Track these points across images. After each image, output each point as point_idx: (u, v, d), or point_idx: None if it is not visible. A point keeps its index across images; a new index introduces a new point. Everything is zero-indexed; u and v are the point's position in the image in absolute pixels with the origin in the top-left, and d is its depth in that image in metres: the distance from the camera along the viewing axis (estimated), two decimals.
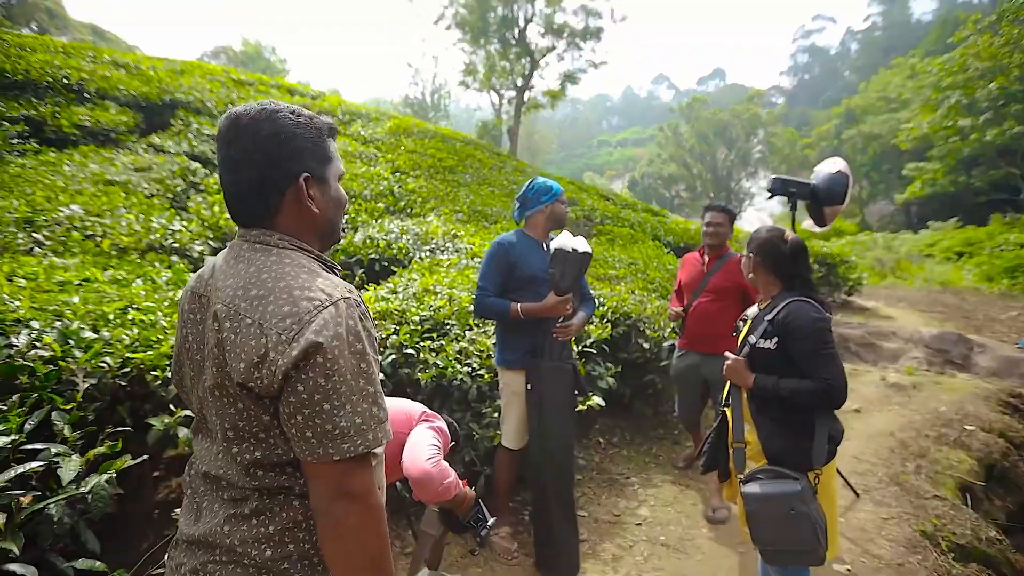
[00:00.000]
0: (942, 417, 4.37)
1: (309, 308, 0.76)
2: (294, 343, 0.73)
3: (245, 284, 0.80)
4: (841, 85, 63.73)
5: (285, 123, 0.85)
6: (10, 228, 3.36)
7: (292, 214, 0.87)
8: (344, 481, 0.76)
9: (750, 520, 1.66)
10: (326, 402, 0.74)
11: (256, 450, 0.80)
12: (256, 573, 0.79)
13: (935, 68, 20.26)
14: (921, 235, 18.72)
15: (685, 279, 3.17)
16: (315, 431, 0.74)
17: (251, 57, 40.57)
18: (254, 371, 0.75)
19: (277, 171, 0.85)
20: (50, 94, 6.42)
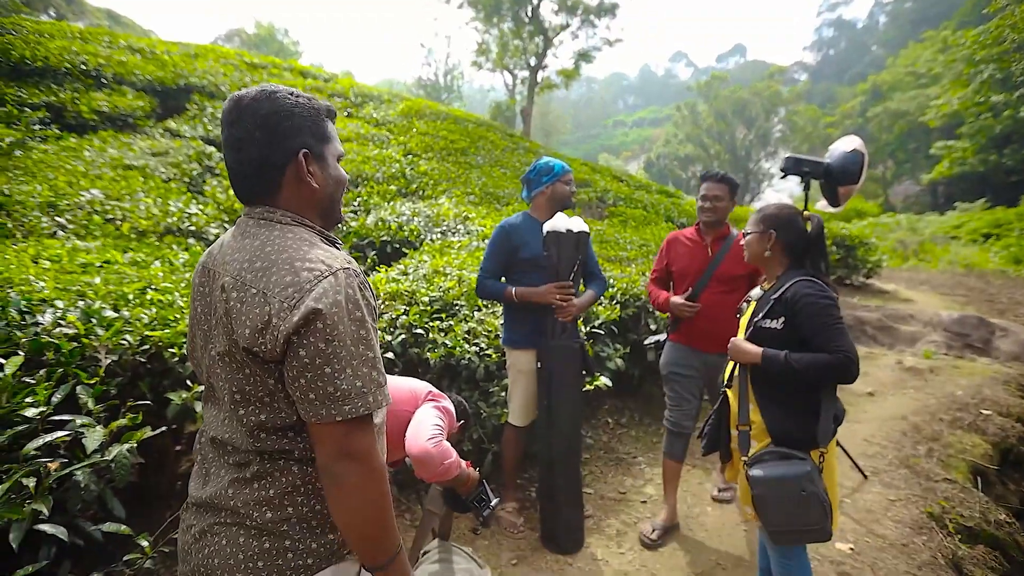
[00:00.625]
0: (958, 401, 4.30)
1: (309, 278, 0.80)
2: (295, 310, 0.78)
3: (251, 257, 0.84)
4: (868, 60, 61.31)
5: (284, 103, 0.89)
6: (34, 212, 3.47)
7: (293, 190, 0.92)
8: (346, 442, 0.80)
9: (759, 503, 1.63)
10: (327, 365, 0.78)
11: (261, 413, 0.84)
12: (258, 534, 0.84)
13: (968, 41, 19.32)
14: (947, 216, 18.11)
15: (682, 264, 2.60)
16: (318, 393, 0.78)
17: (264, 40, 40.51)
18: (258, 336, 0.79)
19: (277, 148, 0.89)
20: (69, 80, 6.53)
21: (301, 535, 0.86)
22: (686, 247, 2.62)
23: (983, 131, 18.78)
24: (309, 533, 0.86)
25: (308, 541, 0.86)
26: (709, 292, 2.50)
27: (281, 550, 0.84)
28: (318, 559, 0.86)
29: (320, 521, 0.87)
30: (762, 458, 1.67)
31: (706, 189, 2.56)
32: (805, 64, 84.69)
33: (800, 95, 40.97)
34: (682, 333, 2.61)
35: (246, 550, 0.83)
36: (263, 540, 0.84)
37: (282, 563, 0.84)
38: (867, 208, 21.84)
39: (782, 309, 1.71)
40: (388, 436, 1.68)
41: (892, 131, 29.19)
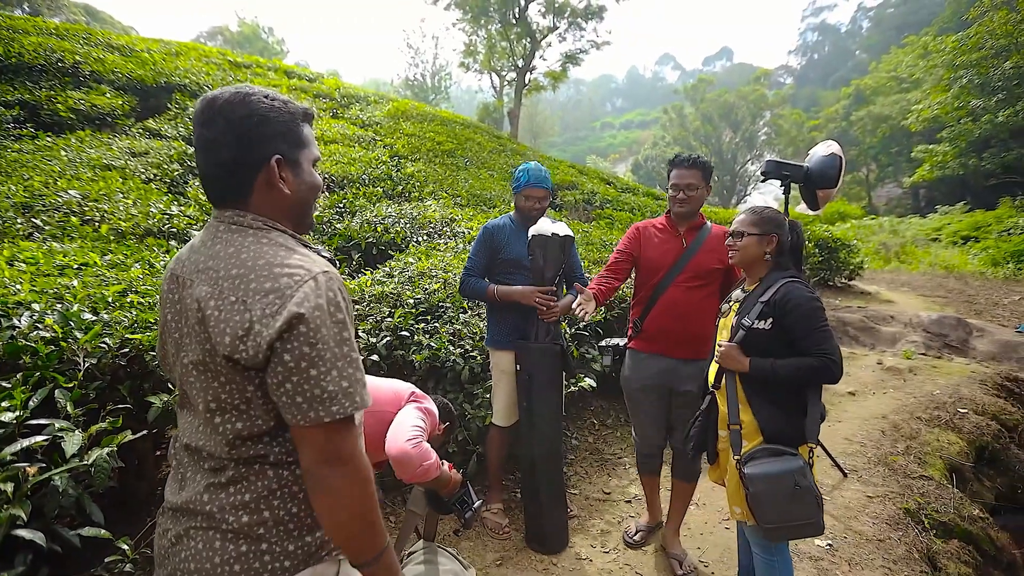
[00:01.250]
0: (936, 400, 4.41)
1: (290, 283, 0.80)
2: (277, 316, 0.78)
3: (226, 265, 0.84)
4: (852, 65, 62.42)
5: (258, 106, 0.88)
6: (9, 213, 3.40)
7: (264, 195, 0.90)
8: (331, 445, 0.81)
9: (755, 501, 1.65)
10: (312, 368, 0.79)
11: (237, 421, 0.84)
12: (234, 538, 0.84)
13: (948, 46, 19.78)
14: (928, 219, 18.51)
15: (654, 255, 2.32)
16: (305, 396, 0.79)
17: (248, 38, 40.08)
18: (240, 344, 0.79)
19: (249, 153, 0.88)
20: (45, 78, 6.41)
21: (278, 538, 0.86)
22: (658, 237, 2.36)
23: (963, 135, 19.21)
24: (286, 536, 0.86)
25: (285, 544, 0.86)
26: (679, 286, 2.27)
27: (258, 553, 0.84)
28: (295, 561, 0.86)
29: (297, 524, 0.87)
30: (754, 456, 1.70)
31: (678, 177, 2.27)
32: (790, 68, 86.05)
33: (785, 99, 41.61)
34: (645, 338, 2.33)
35: (222, 554, 0.83)
36: (239, 544, 0.84)
37: (259, 566, 0.84)
38: (850, 211, 22.23)
39: (771, 311, 1.74)
40: (371, 438, 1.68)
41: (875, 135, 29.74)
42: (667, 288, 2.28)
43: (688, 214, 2.31)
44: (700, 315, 2.23)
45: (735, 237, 1.88)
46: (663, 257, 2.30)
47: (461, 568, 1.79)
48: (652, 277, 2.32)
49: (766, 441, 1.72)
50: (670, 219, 2.37)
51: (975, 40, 18.25)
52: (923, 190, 25.87)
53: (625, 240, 2.44)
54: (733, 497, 1.80)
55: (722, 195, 38.75)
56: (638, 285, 2.40)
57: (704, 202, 2.32)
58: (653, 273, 2.31)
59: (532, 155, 11.33)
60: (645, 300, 2.34)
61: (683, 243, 2.31)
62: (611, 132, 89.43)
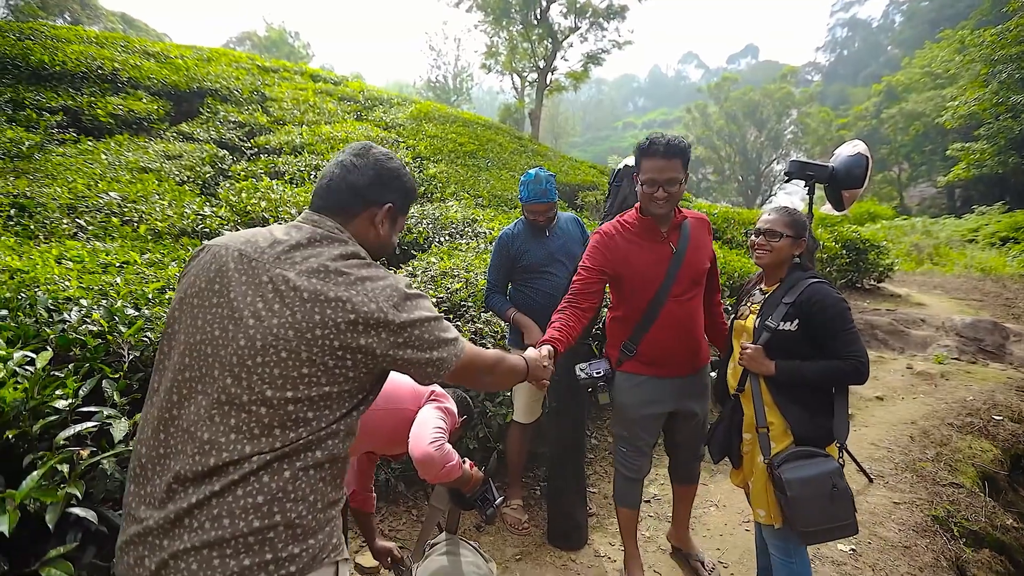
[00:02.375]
0: (969, 406, 4.27)
1: (384, 273, 0.97)
2: (398, 310, 0.93)
3: (332, 258, 0.93)
4: (883, 61, 60.53)
5: (401, 170, 1.10)
6: (55, 214, 3.59)
7: (362, 227, 1.04)
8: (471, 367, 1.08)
9: (794, 505, 1.63)
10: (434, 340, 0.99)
11: (303, 403, 0.88)
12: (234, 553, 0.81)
13: (987, 40, 18.99)
14: (964, 219, 17.83)
15: (641, 269, 1.94)
16: (431, 351, 0.98)
17: (275, 43, 41.05)
18: (372, 328, 0.90)
19: (375, 189, 1.05)
20: (86, 84, 6.71)
21: (284, 543, 0.84)
22: (638, 243, 1.95)
23: (1002, 133, 18.45)
24: (293, 539, 0.85)
25: (291, 547, 0.84)
26: (678, 300, 1.94)
27: (262, 564, 0.82)
28: (300, 566, 0.85)
29: (304, 527, 0.86)
30: (787, 459, 1.68)
31: (654, 169, 1.82)
32: (818, 65, 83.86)
33: (812, 96, 40.59)
34: (642, 360, 2.00)
35: (223, 571, 0.80)
36: (241, 558, 0.81)
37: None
38: (881, 211, 21.55)
39: (796, 312, 1.73)
40: (391, 432, 1.74)
41: (907, 133, 28.77)
42: (664, 303, 1.93)
43: (668, 214, 1.92)
44: (699, 325, 2.04)
45: (769, 237, 1.81)
46: (653, 268, 1.93)
47: (482, 561, 1.83)
48: (642, 292, 1.95)
49: (796, 442, 1.71)
50: (646, 220, 1.94)
51: (1015, 33, 17.49)
52: (959, 189, 24.92)
53: (593, 253, 1.98)
54: (758, 499, 1.79)
55: (747, 195, 38.03)
56: (619, 301, 2.05)
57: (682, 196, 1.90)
58: (642, 287, 1.95)
59: (553, 156, 11.34)
60: (636, 319, 1.98)
61: (671, 247, 1.94)
62: (633, 132, 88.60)
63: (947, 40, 24.30)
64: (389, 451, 1.87)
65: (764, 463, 1.74)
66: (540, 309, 2.43)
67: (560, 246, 2.52)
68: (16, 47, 6.70)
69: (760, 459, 1.77)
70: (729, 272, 4.76)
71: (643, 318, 1.97)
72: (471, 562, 1.78)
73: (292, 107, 8.60)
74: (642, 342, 1.98)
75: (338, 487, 0.95)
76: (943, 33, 25.19)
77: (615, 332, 2.10)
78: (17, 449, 1.42)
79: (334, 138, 7.34)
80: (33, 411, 1.43)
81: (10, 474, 1.36)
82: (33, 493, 1.26)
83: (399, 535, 2.46)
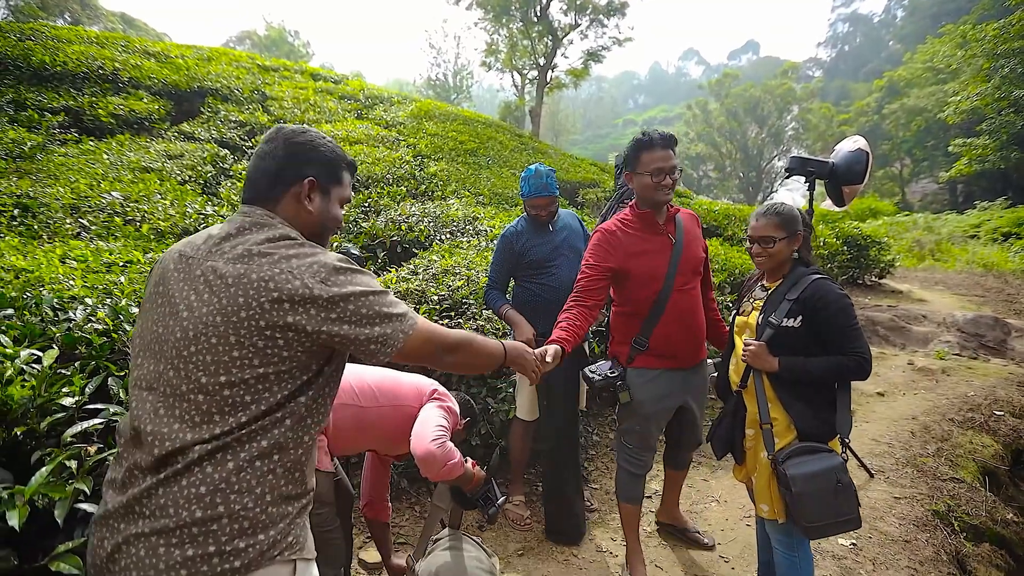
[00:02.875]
0: (970, 402, 4.28)
1: (311, 251, 0.95)
2: (316, 285, 0.90)
3: (258, 243, 0.93)
4: (884, 56, 60.28)
5: (314, 139, 1.05)
6: (59, 214, 3.61)
7: (290, 208, 1.03)
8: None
9: (799, 501, 1.64)
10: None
11: (236, 393, 0.88)
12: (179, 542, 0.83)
13: (989, 34, 18.90)
14: (966, 215, 17.78)
15: (642, 263, 2.01)
16: (371, 320, 0.94)
17: (275, 42, 41.02)
18: (295, 305, 0.88)
19: (291, 168, 1.02)
20: (87, 84, 6.71)
21: (229, 536, 0.83)
22: (639, 238, 2.03)
23: (1004, 128, 18.37)
24: (239, 533, 0.84)
25: (236, 541, 0.84)
26: (681, 291, 2.03)
27: (206, 556, 0.82)
28: (246, 561, 0.84)
29: (251, 521, 0.86)
30: (791, 455, 1.69)
31: (661, 159, 1.93)
32: (819, 60, 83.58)
33: (814, 92, 40.45)
34: (654, 354, 2.04)
35: (167, 560, 0.81)
36: (186, 548, 0.81)
37: (207, 569, 0.82)
38: (882, 207, 21.49)
39: (800, 308, 1.73)
40: (394, 429, 1.76)
41: (909, 128, 28.66)
42: (670, 295, 2.00)
43: (666, 206, 2.03)
44: (701, 315, 2.11)
45: (764, 244, 1.80)
46: (656, 260, 2.00)
47: (485, 556, 1.84)
48: (648, 285, 2.01)
49: (800, 438, 1.71)
50: (645, 214, 2.02)
51: (1018, 28, 17.41)
52: (961, 185, 24.86)
53: (597, 250, 2.03)
54: (761, 494, 1.80)
55: (747, 192, 37.95)
56: (624, 298, 2.10)
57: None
58: (649, 280, 2.01)
59: (554, 153, 11.34)
60: (643, 313, 2.03)
61: (670, 238, 2.04)
62: (634, 129, 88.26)
63: (949, 35, 24.20)
64: (392, 450, 1.89)
65: (768, 459, 1.75)
66: (545, 304, 2.45)
67: (563, 240, 2.55)
68: (17, 48, 6.71)
69: (764, 455, 1.78)
70: (730, 269, 4.77)
71: (651, 312, 2.01)
72: (474, 557, 1.80)
73: (293, 106, 8.61)
74: (652, 335, 2.02)
75: (295, 481, 0.93)
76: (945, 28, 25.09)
77: (621, 329, 2.12)
78: (25, 446, 1.43)
79: (335, 137, 7.35)
80: (40, 408, 1.44)
81: (19, 470, 1.38)
82: (42, 489, 1.27)
83: (402, 531, 2.48)
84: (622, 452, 2.17)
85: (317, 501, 1.56)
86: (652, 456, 2.17)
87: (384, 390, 1.77)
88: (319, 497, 1.57)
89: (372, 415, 1.74)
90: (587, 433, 3.35)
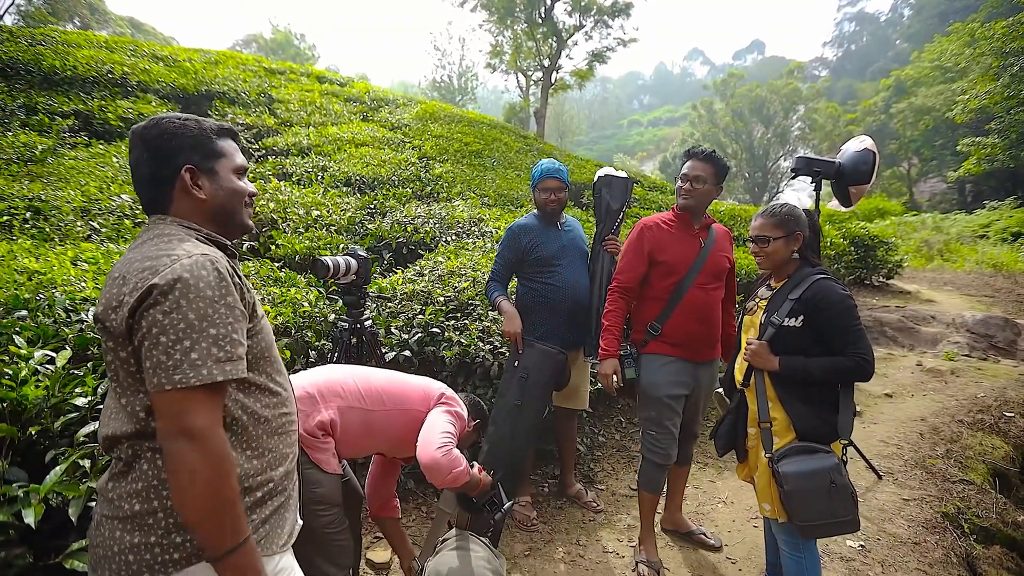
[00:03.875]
0: (979, 403, 4.25)
1: (165, 262, 0.87)
2: (140, 287, 0.84)
3: (132, 255, 0.92)
4: (891, 55, 59.88)
5: (169, 127, 0.98)
6: (70, 217, 3.65)
7: (183, 202, 0.99)
8: (181, 416, 0.82)
9: (791, 499, 1.65)
10: (163, 335, 0.82)
11: (122, 397, 0.89)
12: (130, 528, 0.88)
13: (998, 32, 18.71)
14: (975, 215, 17.62)
15: (674, 255, 2.20)
16: (152, 362, 0.82)
17: (281, 45, 41.26)
18: (111, 313, 0.86)
19: (162, 166, 0.97)
20: (96, 88, 6.78)
21: (165, 530, 0.87)
22: (673, 234, 2.25)
23: (1014, 127, 18.16)
24: (175, 528, 0.88)
25: (172, 536, 0.88)
26: (701, 288, 2.19)
27: (148, 545, 0.87)
28: (184, 554, 0.88)
29: None
30: (787, 454, 1.70)
31: (688, 168, 2.21)
32: (825, 60, 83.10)
33: (820, 92, 40.18)
34: (667, 341, 2.20)
35: (120, 543, 0.87)
36: (134, 535, 0.87)
37: (150, 558, 0.87)
38: (890, 207, 21.33)
39: (802, 308, 1.73)
40: (400, 432, 1.76)
41: (917, 127, 28.40)
42: (688, 289, 2.18)
43: (694, 208, 2.23)
44: (717, 313, 2.26)
45: (759, 243, 1.82)
46: (683, 257, 2.21)
47: (492, 555, 1.85)
48: (669, 277, 2.21)
49: (799, 438, 1.72)
50: (682, 216, 2.27)
51: None
52: (969, 185, 24.61)
53: (631, 244, 2.28)
54: (763, 494, 1.80)
55: (753, 192, 37.79)
56: (649, 285, 2.28)
57: (711, 200, 2.28)
58: (670, 273, 2.20)
59: (559, 154, 11.34)
60: (663, 301, 2.21)
61: (700, 242, 2.24)
62: (638, 130, 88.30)
63: (957, 33, 23.99)
64: (399, 453, 1.89)
65: (767, 458, 1.75)
66: (550, 303, 2.46)
67: (570, 241, 2.57)
68: (28, 53, 6.79)
69: (764, 454, 1.78)
70: (736, 270, 4.75)
71: (669, 300, 2.21)
72: (481, 557, 1.80)
73: (299, 109, 8.66)
74: (667, 323, 2.21)
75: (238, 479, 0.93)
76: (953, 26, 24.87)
77: (640, 317, 2.30)
78: (39, 445, 1.46)
79: (340, 139, 7.39)
80: (54, 408, 1.47)
81: (33, 469, 1.40)
82: (56, 488, 1.30)
83: (409, 531, 2.48)
84: (646, 443, 2.27)
85: (325, 503, 1.57)
86: (674, 445, 2.24)
87: (391, 394, 1.77)
88: (327, 499, 1.58)
89: (379, 419, 1.74)
90: (593, 434, 3.35)
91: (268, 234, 4.18)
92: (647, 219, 2.31)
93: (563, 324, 2.48)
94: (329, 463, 1.60)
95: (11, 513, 1.24)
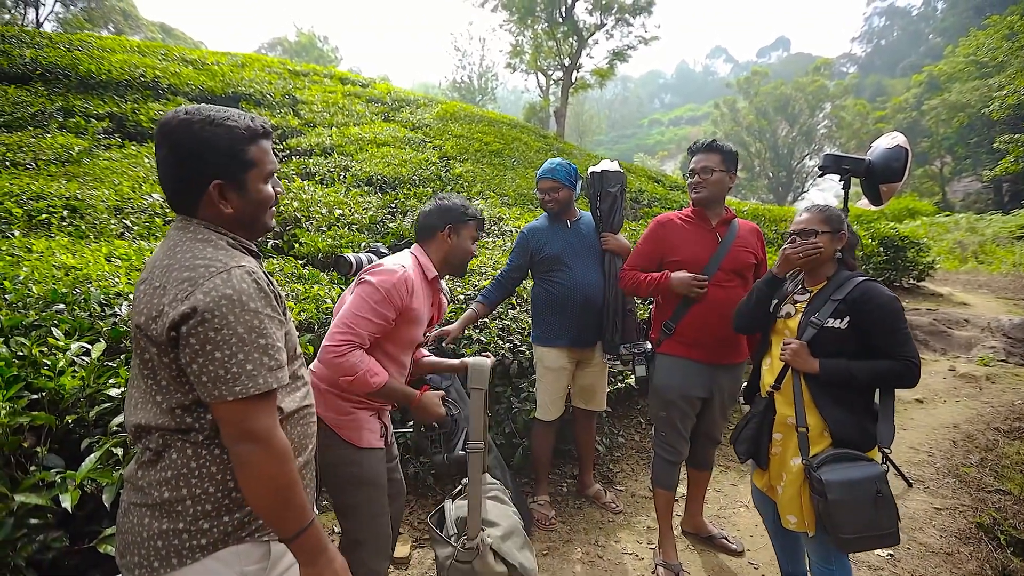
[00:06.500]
0: (1017, 410, 4.08)
1: (204, 273, 0.89)
2: (184, 302, 0.86)
3: (162, 256, 0.94)
4: (924, 50, 57.97)
5: (200, 134, 0.93)
6: (104, 215, 3.78)
7: (210, 210, 0.98)
8: (244, 422, 0.88)
9: (833, 510, 1.55)
10: (217, 351, 0.86)
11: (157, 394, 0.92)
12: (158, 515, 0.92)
13: None
14: (1013, 215, 16.90)
15: (688, 252, 2.14)
16: (210, 376, 0.86)
17: (305, 47, 41.97)
18: (152, 323, 0.89)
19: (190, 179, 0.95)
20: (129, 91, 7.02)
21: (193, 517, 0.92)
22: (687, 231, 2.18)
23: None
24: (202, 515, 0.92)
25: (200, 522, 0.92)
26: (719, 285, 2.10)
27: (176, 532, 0.91)
28: (211, 539, 0.92)
29: (215, 504, 0.93)
30: (827, 461, 1.60)
31: (694, 162, 2.16)
32: (853, 56, 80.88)
33: (848, 89, 39.12)
34: (682, 341, 2.14)
35: (148, 529, 0.91)
36: (162, 521, 0.91)
37: (178, 543, 0.91)
38: (921, 207, 20.62)
39: (848, 309, 1.66)
40: None
41: (951, 125, 27.40)
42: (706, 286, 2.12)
43: (708, 201, 2.15)
44: None
45: (805, 236, 1.76)
46: (698, 253, 2.13)
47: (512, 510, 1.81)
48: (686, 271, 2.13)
49: (835, 445, 1.64)
50: (698, 211, 2.19)
51: None
52: (1006, 184, 23.67)
53: (644, 239, 2.24)
54: (788, 506, 1.71)
55: (777, 192, 36.99)
56: None
57: (727, 190, 2.17)
58: (688, 268, 2.13)
59: (579, 154, 11.29)
60: (677, 298, 2.14)
61: (717, 237, 2.15)
62: (659, 129, 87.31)
63: (994, 27, 23.06)
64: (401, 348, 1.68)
65: (802, 464, 1.66)
66: (558, 303, 2.46)
67: (580, 240, 2.53)
68: (66, 57, 7.06)
69: (793, 461, 1.70)
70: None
71: (683, 297, 2.13)
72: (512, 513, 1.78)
73: (322, 110, 8.80)
74: (682, 321, 2.14)
75: None
76: (990, 19, 23.92)
77: (657, 316, 2.28)
78: (75, 433, 1.51)
79: (362, 139, 7.49)
80: (89, 398, 1.52)
81: (70, 456, 1.46)
82: (91, 475, 1.34)
83: (425, 527, 2.50)
84: (656, 440, 2.27)
85: (368, 484, 1.54)
86: (685, 444, 2.23)
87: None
88: (369, 479, 1.54)
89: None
90: (612, 435, 3.33)
91: (292, 232, 4.26)
92: (663, 215, 2.28)
93: (573, 323, 2.46)
94: (363, 438, 1.54)
95: (49, 498, 1.29)
